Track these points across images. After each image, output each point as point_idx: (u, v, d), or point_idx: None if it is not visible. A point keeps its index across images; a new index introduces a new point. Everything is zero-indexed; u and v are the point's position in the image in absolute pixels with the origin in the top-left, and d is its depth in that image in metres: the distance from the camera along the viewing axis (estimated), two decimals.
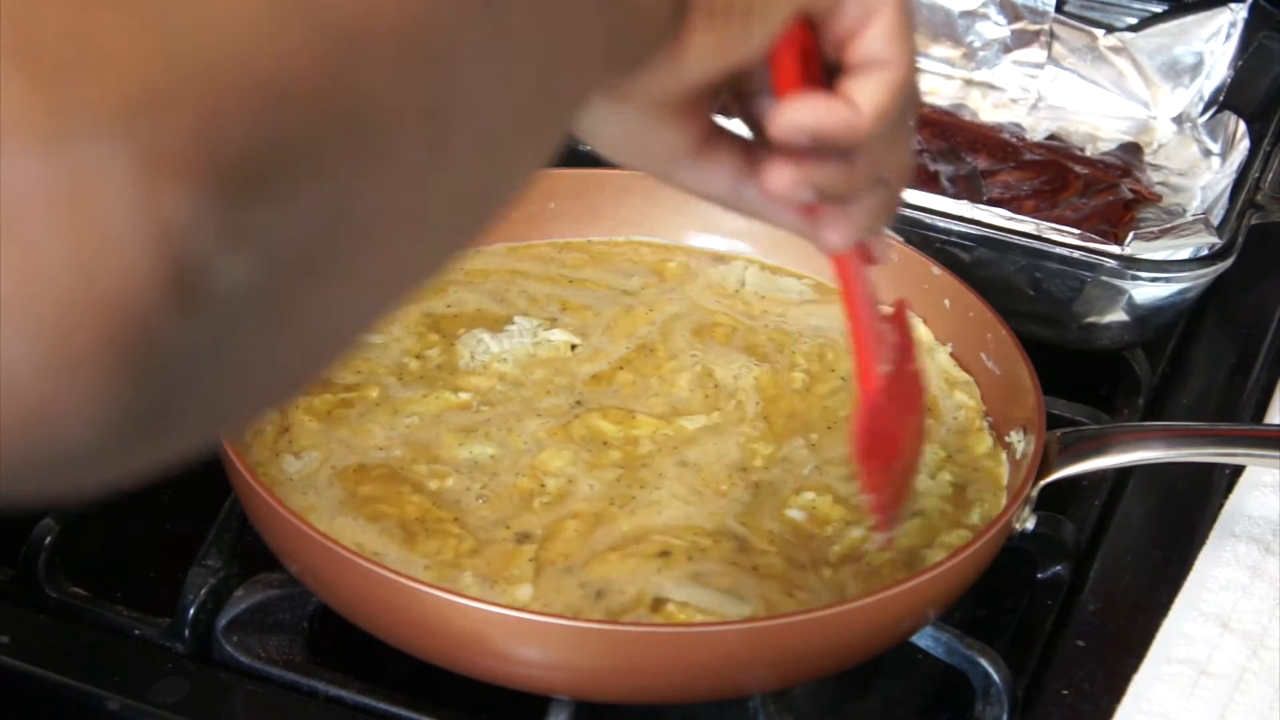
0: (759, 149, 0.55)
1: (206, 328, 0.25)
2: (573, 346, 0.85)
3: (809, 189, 0.53)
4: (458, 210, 0.32)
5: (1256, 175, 1.02)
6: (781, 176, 0.52)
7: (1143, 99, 1.15)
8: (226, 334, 0.25)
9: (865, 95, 0.52)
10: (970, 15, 1.17)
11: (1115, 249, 0.94)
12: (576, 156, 0.69)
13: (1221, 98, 1.12)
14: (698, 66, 0.48)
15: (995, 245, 0.93)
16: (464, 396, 0.81)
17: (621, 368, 0.85)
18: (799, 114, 0.51)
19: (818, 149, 0.52)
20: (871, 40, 0.52)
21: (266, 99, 0.25)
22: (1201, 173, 1.08)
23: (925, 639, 0.74)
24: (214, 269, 0.25)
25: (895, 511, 0.68)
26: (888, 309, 0.66)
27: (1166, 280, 0.92)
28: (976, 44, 1.17)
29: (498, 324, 0.86)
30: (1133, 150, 1.09)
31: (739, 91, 0.55)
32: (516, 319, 0.86)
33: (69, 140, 0.23)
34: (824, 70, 0.53)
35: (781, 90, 0.52)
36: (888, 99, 0.52)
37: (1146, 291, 0.92)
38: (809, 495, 0.77)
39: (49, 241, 0.23)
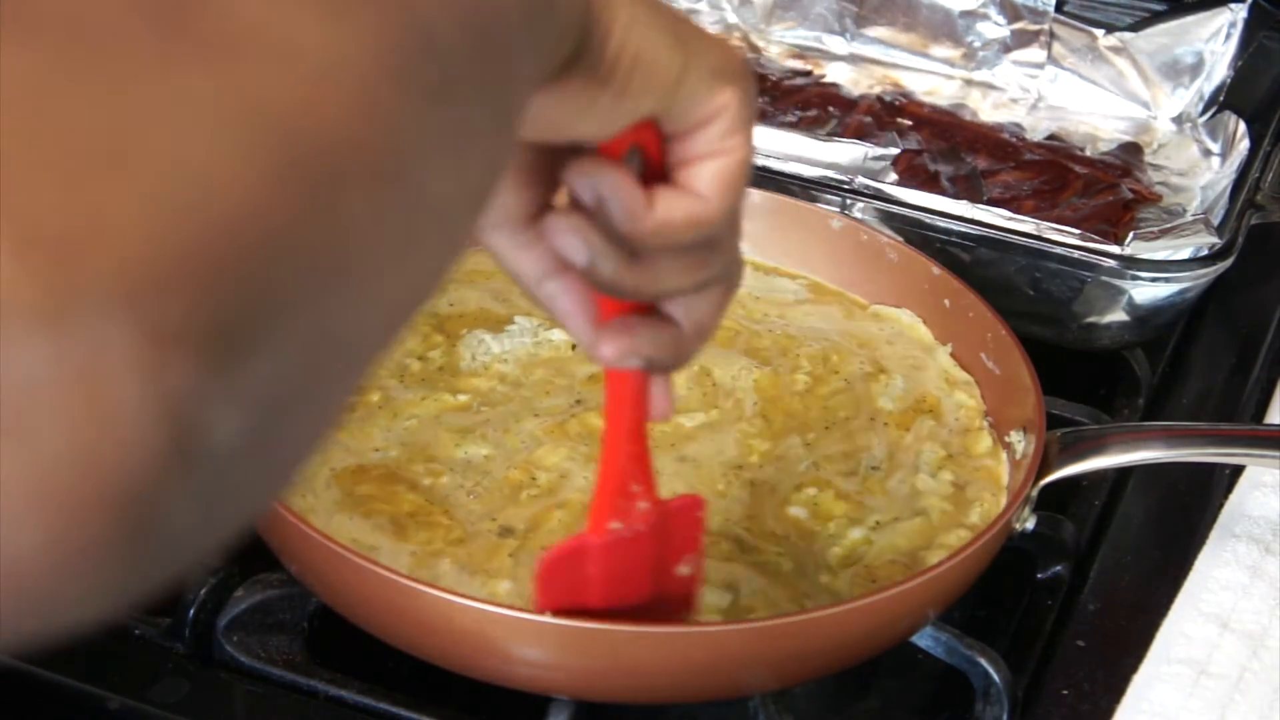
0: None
1: (203, 480, 0.25)
2: (573, 346, 0.85)
3: (581, 244, 0.51)
4: (423, 289, 0.32)
5: (1256, 175, 1.02)
6: (565, 219, 0.51)
7: (1143, 99, 1.15)
8: (220, 478, 0.26)
9: (664, 204, 0.51)
10: (970, 15, 1.17)
11: (1115, 249, 0.94)
12: None
13: (1221, 98, 1.12)
14: (554, 122, 0.47)
15: (995, 245, 0.93)
16: (463, 399, 0.81)
17: None
18: (598, 170, 0.50)
19: (599, 226, 0.51)
20: (703, 173, 0.52)
21: (261, 258, 0.25)
22: (1201, 173, 1.08)
23: (925, 639, 0.74)
24: (210, 429, 0.24)
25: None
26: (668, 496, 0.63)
27: (1166, 280, 0.92)
28: (976, 44, 1.17)
29: (499, 324, 0.86)
30: (1133, 150, 1.09)
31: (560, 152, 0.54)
32: (517, 319, 0.87)
33: (73, 324, 0.23)
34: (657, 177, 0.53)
35: (600, 153, 0.51)
36: (683, 221, 0.52)
37: (1146, 291, 0.92)
38: (810, 491, 0.77)
39: (53, 430, 0.23)
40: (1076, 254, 0.92)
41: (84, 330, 0.23)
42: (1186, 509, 0.85)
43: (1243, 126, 1.07)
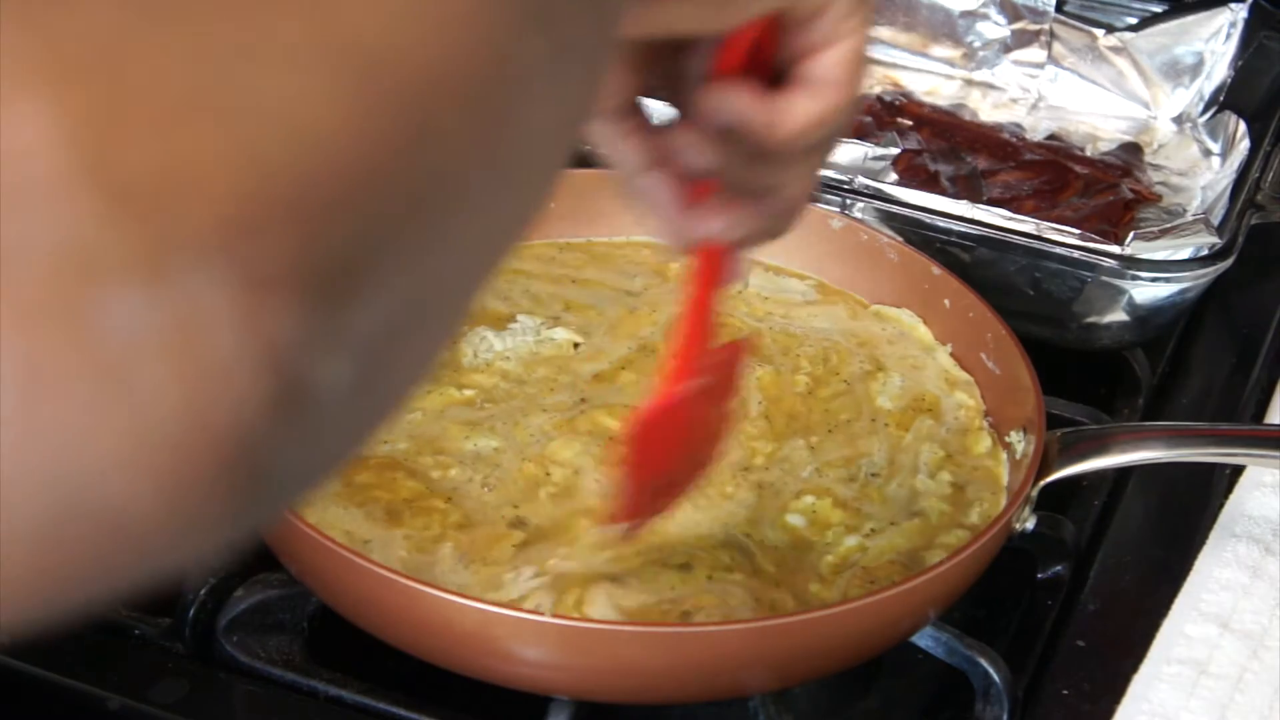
0: (662, 139, 0.55)
1: (308, 424, 0.25)
2: (575, 345, 0.85)
3: (708, 158, 0.53)
4: (524, 218, 0.31)
5: (1256, 175, 1.02)
6: (695, 140, 0.53)
7: (1143, 99, 1.15)
8: (324, 422, 0.25)
9: (799, 109, 0.52)
10: (970, 15, 1.17)
11: (1115, 249, 0.94)
12: (576, 157, 0.69)
13: (1221, 98, 1.12)
14: (670, 19, 0.48)
15: (995, 245, 0.93)
16: (468, 393, 0.81)
17: (624, 367, 0.85)
18: (730, 98, 0.51)
19: (730, 138, 0.53)
20: (827, 61, 0.52)
21: (357, 198, 0.25)
22: (1201, 173, 1.08)
23: (925, 639, 0.74)
24: (314, 375, 0.24)
25: (637, 519, 0.68)
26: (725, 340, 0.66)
27: (1166, 280, 0.92)
28: (976, 44, 1.17)
29: (501, 322, 0.86)
30: (1133, 150, 1.09)
31: (672, 70, 0.54)
32: (520, 317, 0.87)
33: (170, 276, 0.22)
34: (769, 72, 0.53)
35: (721, 73, 0.52)
36: (818, 120, 0.52)
37: (1146, 291, 0.92)
38: (809, 499, 0.77)
39: (157, 383, 0.23)
40: (1076, 254, 0.92)
41: (182, 282, 0.22)
42: (1186, 509, 0.85)
43: (1243, 126, 1.07)
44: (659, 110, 0.56)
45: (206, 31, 0.24)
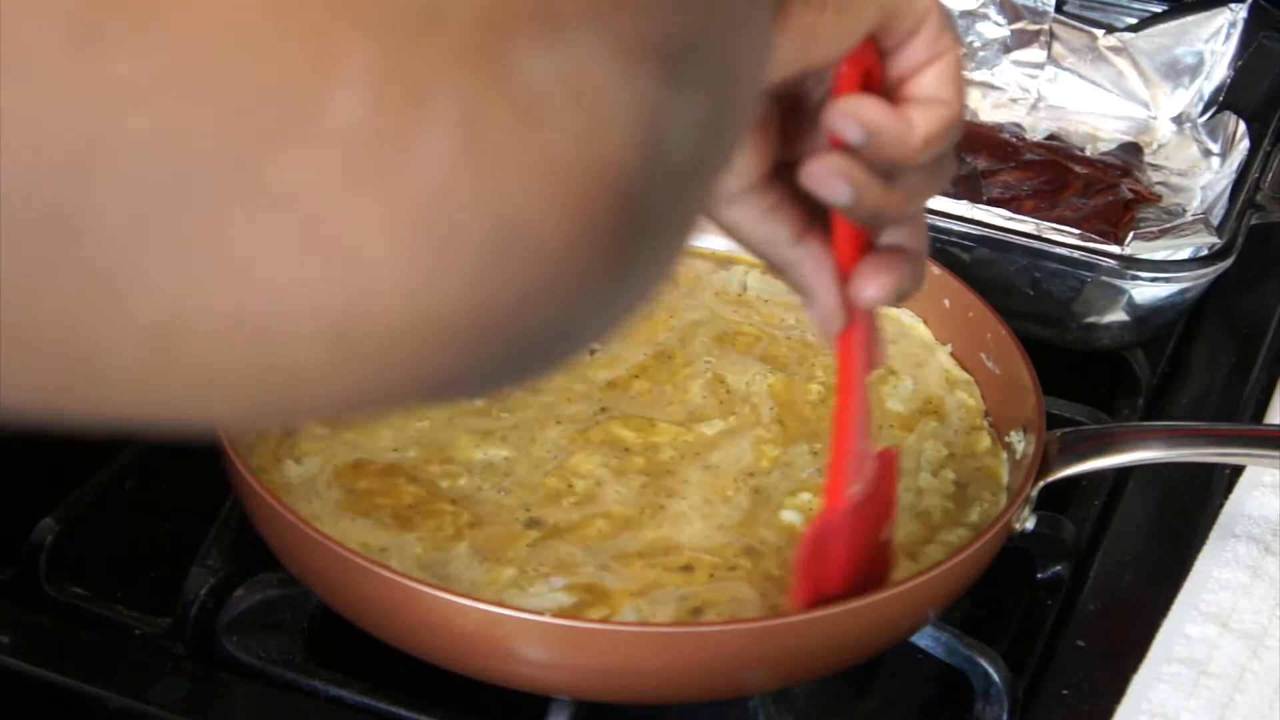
0: (809, 209, 0.57)
1: (667, 179, 0.28)
2: (591, 351, 0.85)
3: (846, 184, 0.54)
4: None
5: (1256, 175, 1.02)
6: (825, 161, 0.54)
7: (1143, 99, 1.15)
8: (677, 179, 0.29)
9: (921, 122, 0.53)
10: (970, 15, 1.17)
11: (1115, 249, 0.94)
12: None
13: (1221, 98, 1.12)
14: (785, 57, 0.49)
15: (995, 245, 0.93)
16: (479, 401, 0.81)
17: (638, 375, 0.84)
18: (861, 106, 0.53)
19: (864, 156, 0.53)
20: (932, 78, 0.55)
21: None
22: (1201, 173, 1.08)
23: (925, 639, 0.74)
24: (672, 133, 0.27)
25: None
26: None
27: (1166, 280, 0.92)
28: (976, 44, 1.17)
29: None
30: (1133, 150, 1.09)
31: (792, 106, 0.56)
32: None
33: (567, 36, 0.25)
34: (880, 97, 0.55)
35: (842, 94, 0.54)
36: (939, 132, 0.54)
37: (1146, 291, 0.92)
38: (805, 496, 0.77)
39: (564, 125, 0.25)
40: (1076, 254, 0.92)
41: (574, 41, 0.25)
42: (1186, 509, 0.85)
43: (1243, 126, 1.07)
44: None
45: None
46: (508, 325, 0.27)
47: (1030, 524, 0.76)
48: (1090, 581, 0.79)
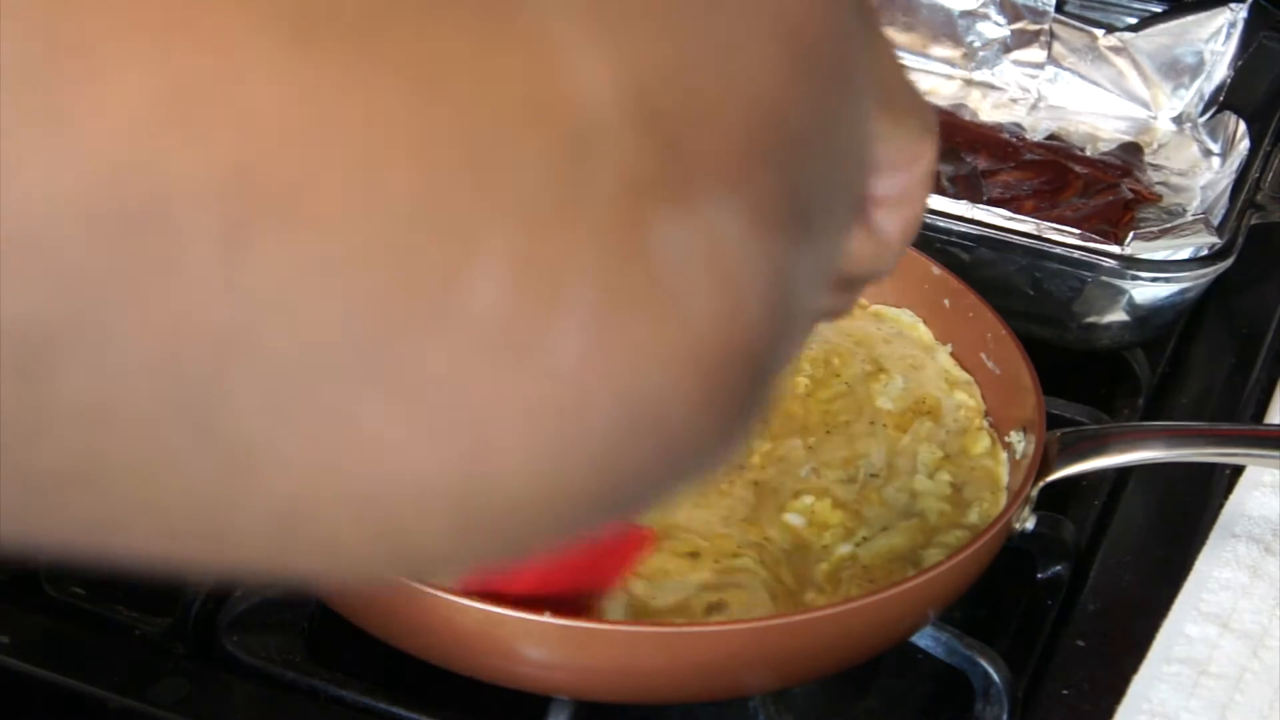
0: None
1: (788, 336, 0.28)
2: None
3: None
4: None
5: (1256, 175, 1.02)
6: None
7: (1143, 99, 1.15)
8: (792, 333, 0.29)
9: (893, 224, 0.53)
10: (970, 15, 1.17)
11: (1115, 249, 0.94)
12: None
13: (1221, 98, 1.12)
14: None
15: (995, 245, 0.93)
16: None
17: None
18: (858, 257, 0.52)
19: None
20: (903, 180, 0.54)
21: (802, 143, 0.27)
22: (1201, 173, 1.08)
23: (925, 639, 0.74)
24: (797, 293, 0.27)
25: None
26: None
27: (1166, 280, 0.92)
28: (976, 44, 1.17)
29: None
30: (1133, 150, 1.09)
31: None
32: None
33: (699, 203, 0.25)
34: None
35: None
36: (910, 233, 0.53)
37: (1146, 291, 0.92)
38: (808, 499, 0.77)
39: (700, 300, 0.25)
40: (1076, 254, 0.92)
41: (704, 210, 0.25)
42: (1186, 509, 0.85)
43: (1243, 126, 1.07)
44: None
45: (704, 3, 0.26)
46: (625, 490, 0.27)
47: (1030, 524, 0.76)
48: (1090, 581, 0.79)
